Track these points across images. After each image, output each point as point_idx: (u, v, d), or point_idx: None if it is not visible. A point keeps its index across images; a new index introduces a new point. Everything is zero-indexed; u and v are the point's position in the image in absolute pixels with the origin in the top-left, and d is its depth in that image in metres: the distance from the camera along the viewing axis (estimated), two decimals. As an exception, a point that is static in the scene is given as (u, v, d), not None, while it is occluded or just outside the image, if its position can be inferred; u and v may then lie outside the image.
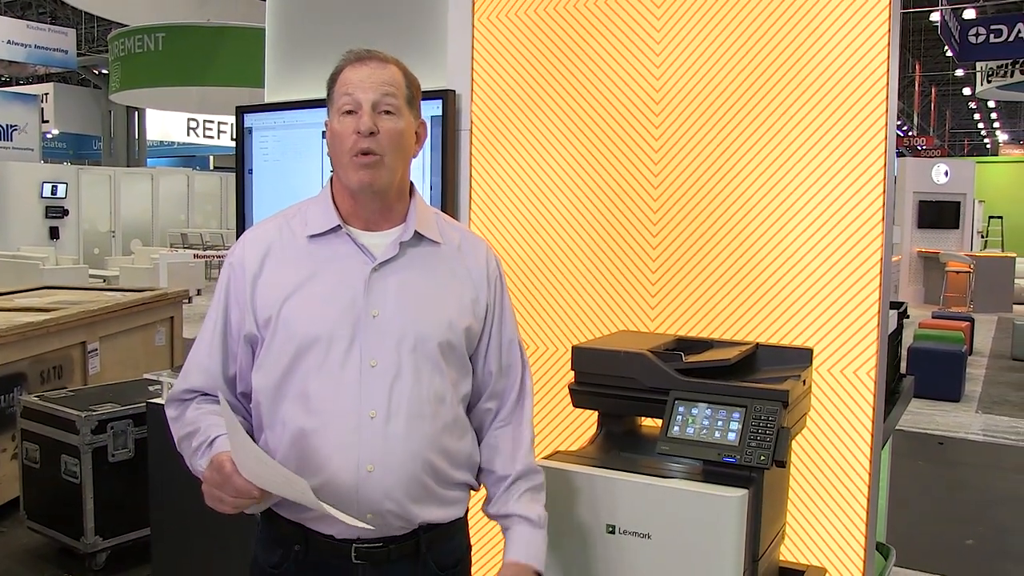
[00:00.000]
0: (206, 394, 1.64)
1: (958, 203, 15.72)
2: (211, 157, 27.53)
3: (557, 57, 2.51)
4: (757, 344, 2.09)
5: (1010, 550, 4.61)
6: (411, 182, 1.69)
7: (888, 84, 2.12)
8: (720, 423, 1.76)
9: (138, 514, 3.79)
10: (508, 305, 1.75)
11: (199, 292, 14.08)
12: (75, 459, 3.83)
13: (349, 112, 1.56)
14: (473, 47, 2.64)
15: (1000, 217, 22.19)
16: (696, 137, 2.35)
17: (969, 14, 16.24)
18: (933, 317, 10.53)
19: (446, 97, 2.69)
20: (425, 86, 1.70)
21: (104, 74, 20.17)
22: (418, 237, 1.63)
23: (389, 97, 1.56)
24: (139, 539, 3.90)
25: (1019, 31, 15.40)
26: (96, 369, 4.99)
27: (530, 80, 2.56)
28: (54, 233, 17.11)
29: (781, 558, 2.04)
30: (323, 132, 2.76)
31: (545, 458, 1.92)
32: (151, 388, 3.96)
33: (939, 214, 15.61)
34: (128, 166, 20.36)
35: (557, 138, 2.52)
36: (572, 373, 2.03)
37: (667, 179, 2.39)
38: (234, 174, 3.19)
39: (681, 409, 1.81)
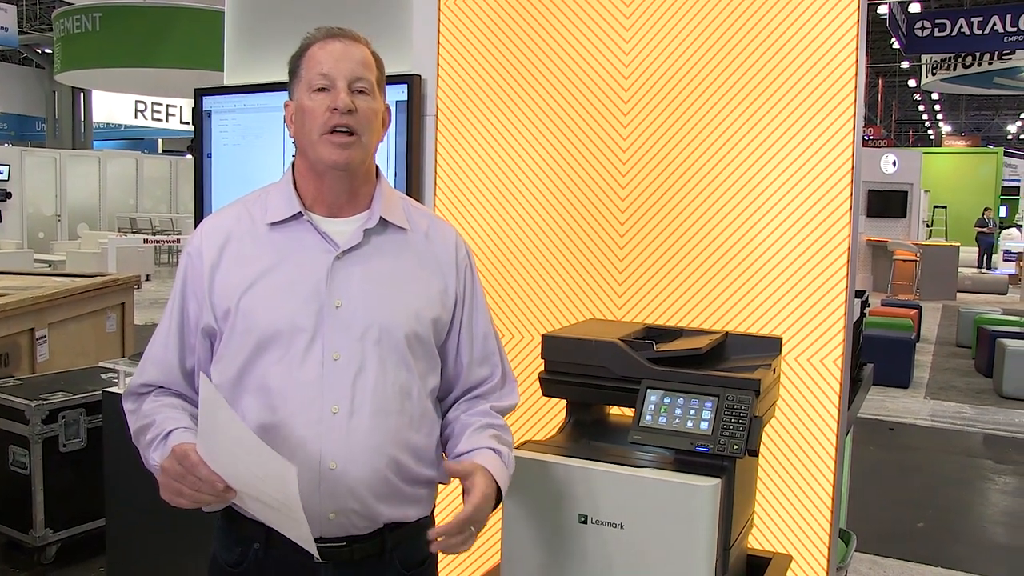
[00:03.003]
0: (163, 387, 1.59)
1: (905, 192, 16.07)
2: (160, 140, 26.97)
3: (525, 42, 2.49)
4: (727, 333, 2.09)
5: (958, 531, 4.74)
6: (376, 166, 1.65)
7: (856, 76, 2.13)
8: (692, 412, 1.76)
9: (91, 505, 3.72)
10: (480, 295, 1.70)
11: (148, 278, 13.82)
12: (24, 450, 3.73)
13: (322, 89, 1.51)
14: (439, 32, 2.60)
15: (944, 207, 22.73)
16: (665, 125, 2.34)
17: (915, 8, 16.57)
18: (882, 305, 10.75)
19: (411, 82, 2.65)
20: (390, 71, 1.66)
21: (47, 54, 19.65)
22: (383, 223, 1.58)
23: (363, 77, 1.52)
24: (91, 531, 3.82)
25: (961, 26, 15.82)
26: (45, 357, 4.86)
27: (497, 66, 2.53)
28: (-4, 216, 16.66)
29: (749, 546, 2.06)
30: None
31: (515, 448, 1.90)
32: (104, 376, 3.87)
33: (887, 203, 15.95)
34: (74, 148, 19.85)
35: (525, 125, 2.50)
36: (539, 361, 2.01)
37: (635, 167, 2.38)
38: (184, 157, 3.12)
39: (653, 398, 1.80)
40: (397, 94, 2.61)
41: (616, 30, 2.38)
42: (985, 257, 20.37)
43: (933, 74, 19.70)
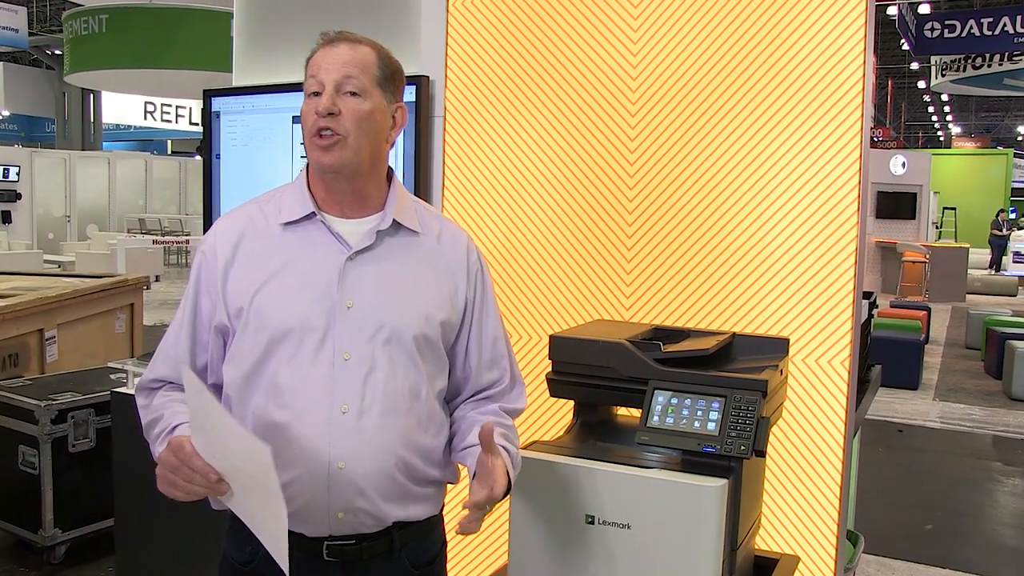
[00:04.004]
0: (172, 383, 1.60)
1: (915, 194, 16.03)
2: (169, 141, 27.05)
3: (533, 44, 2.49)
4: (734, 334, 2.09)
5: (967, 533, 4.73)
6: (390, 168, 1.66)
7: (864, 77, 2.13)
8: (700, 413, 1.76)
9: (99, 505, 3.74)
10: (491, 300, 1.71)
11: (157, 278, 13.88)
12: (33, 450, 3.74)
13: (315, 94, 1.53)
14: (447, 33, 2.60)
15: (954, 208, 22.64)
16: (672, 126, 2.34)
17: (924, 9, 16.52)
18: (891, 306, 10.73)
19: (420, 83, 2.66)
20: (398, 72, 1.67)
21: (57, 55, 19.72)
22: (396, 226, 1.59)
23: (353, 78, 1.52)
24: (100, 531, 3.83)
25: (971, 27, 15.76)
26: (54, 357, 4.87)
27: (505, 67, 2.53)
28: (6, 217, 16.73)
29: (756, 547, 2.06)
30: (294, 118, 2.70)
31: (523, 448, 1.90)
32: (113, 376, 3.88)
33: (896, 205, 15.91)
34: (83, 149, 19.94)
35: (532, 126, 2.51)
36: (546, 362, 2.01)
37: (643, 168, 2.38)
38: (193, 158, 3.12)
39: (660, 399, 1.80)
40: (405, 95, 2.60)
41: (624, 31, 2.38)
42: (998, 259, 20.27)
43: (943, 75, 19.62)
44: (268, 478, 1.35)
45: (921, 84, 25.83)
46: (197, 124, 21.02)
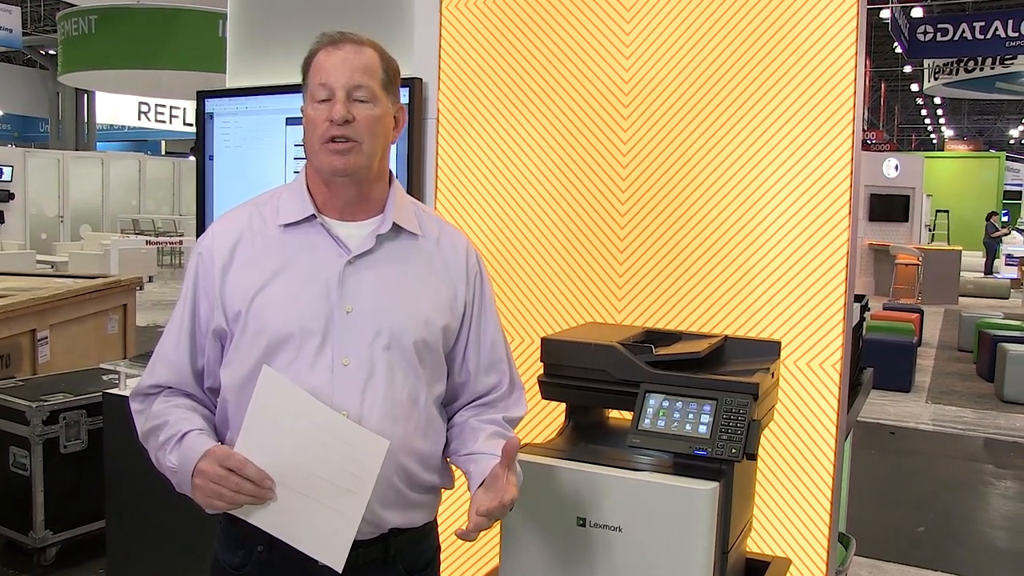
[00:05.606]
0: (172, 388, 1.58)
1: (907, 197, 16.09)
2: (163, 142, 27.00)
3: (526, 46, 2.49)
4: (725, 337, 2.10)
5: (959, 535, 4.74)
6: (390, 170, 1.65)
7: (856, 80, 2.14)
8: (691, 416, 1.76)
9: (91, 507, 3.72)
10: (489, 303, 1.70)
11: (150, 279, 13.84)
12: (25, 451, 3.73)
13: (323, 100, 1.51)
14: (440, 35, 2.61)
15: (946, 211, 22.71)
16: (665, 129, 2.35)
17: (917, 12, 16.58)
18: (884, 308, 10.76)
19: (413, 85, 2.66)
20: (392, 74, 1.67)
21: (51, 55, 19.69)
22: (396, 229, 1.58)
23: (363, 86, 1.51)
24: (92, 532, 3.82)
25: (963, 31, 15.82)
26: (46, 358, 4.86)
27: (498, 69, 2.53)
28: (-1, 217, 16.68)
29: (747, 550, 2.06)
30: (287, 119, 2.68)
31: (515, 451, 1.90)
32: (105, 378, 3.87)
33: (889, 207, 15.96)
34: (77, 149, 19.88)
35: (525, 128, 2.51)
36: (539, 365, 2.01)
37: (635, 171, 2.38)
38: (187, 159, 3.12)
39: (652, 401, 1.81)
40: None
41: (616, 34, 2.39)
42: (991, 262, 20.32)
43: (935, 78, 19.69)
44: (367, 475, 1.39)
45: (914, 87, 25.89)
46: (191, 125, 20.97)
